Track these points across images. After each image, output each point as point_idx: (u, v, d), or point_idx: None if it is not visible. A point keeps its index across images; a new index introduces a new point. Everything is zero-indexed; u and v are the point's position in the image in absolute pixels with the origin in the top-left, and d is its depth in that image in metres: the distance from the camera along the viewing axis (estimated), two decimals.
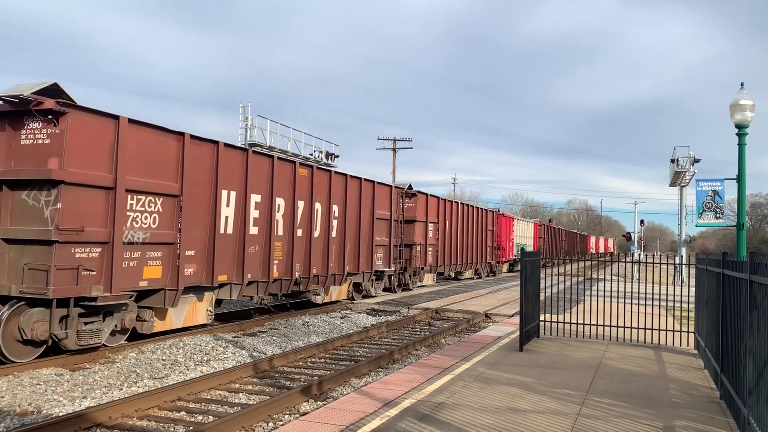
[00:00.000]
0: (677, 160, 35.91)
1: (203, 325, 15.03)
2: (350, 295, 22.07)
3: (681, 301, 14.48)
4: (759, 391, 5.38)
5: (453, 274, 35.66)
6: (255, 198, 15.93)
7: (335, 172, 19.99)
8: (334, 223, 19.83)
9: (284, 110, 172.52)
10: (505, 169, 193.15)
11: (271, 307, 18.78)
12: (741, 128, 17.36)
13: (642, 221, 55.80)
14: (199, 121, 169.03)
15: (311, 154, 20.86)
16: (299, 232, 17.85)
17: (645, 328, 12.84)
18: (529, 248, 45.73)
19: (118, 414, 8.20)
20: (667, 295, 15.52)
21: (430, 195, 30.15)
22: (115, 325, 12.22)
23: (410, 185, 28.05)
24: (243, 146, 16.23)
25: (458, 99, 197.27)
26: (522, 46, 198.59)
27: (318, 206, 18.82)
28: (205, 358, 12.25)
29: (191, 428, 7.78)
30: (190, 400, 9.28)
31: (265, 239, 16.28)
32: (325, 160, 21.28)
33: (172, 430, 7.97)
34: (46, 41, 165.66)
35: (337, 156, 22.28)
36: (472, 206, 37.16)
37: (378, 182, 23.14)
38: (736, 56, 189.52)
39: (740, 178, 18.03)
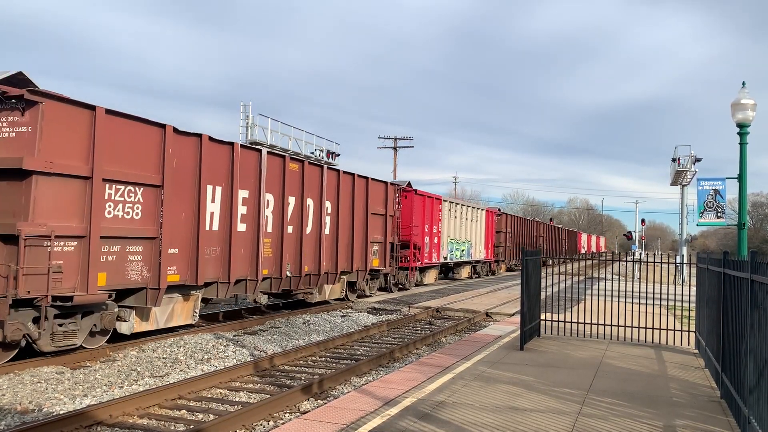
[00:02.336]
0: (678, 159, 35.90)
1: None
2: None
3: (682, 301, 14.46)
4: (760, 390, 5.38)
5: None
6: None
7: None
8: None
9: (286, 109, 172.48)
10: (507, 168, 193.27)
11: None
12: (742, 127, 17.36)
13: (643, 220, 55.79)
14: (201, 120, 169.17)
15: (312, 153, 20.85)
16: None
17: (646, 328, 12.83)
18: (479, 247, 38.71)
19: (118, 412, 8.21)
20: (668, 294, 15.51)
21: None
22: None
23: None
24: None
25: (459, 97, 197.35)
26: (523, 44, 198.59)
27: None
28: (206, 357, 12.25)
29: (192, 427, 7.78)
30: (191, 399, 9.29)
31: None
32: (326, 159, 21.26)
33: (172, 428, 7.98)
34: (48, 40, 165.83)
35: (338, 155, 22.28)
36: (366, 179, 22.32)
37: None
38: (737, 55, 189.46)
39: (741, 177, 18.02)
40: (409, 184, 27.69)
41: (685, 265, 30.07)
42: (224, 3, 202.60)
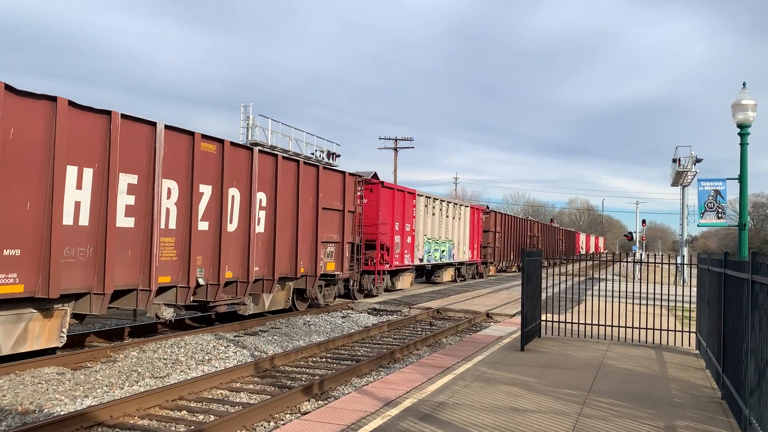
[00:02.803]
0: (679, 159, 35.92)
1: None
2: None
3: (683, 301, 14.46)
4: (760, 391, 5.38)
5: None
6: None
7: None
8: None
9: (287, 109, 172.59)
10: (507, 169, 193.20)
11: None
12: (743, 128, 17.35)
13: (644, 221, 55.81)
14: (202, 120, 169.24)
15: (313, 154, 20.84)
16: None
17: (646, 328, 12.83)
18: (463, 247, 34.81)
19: (119, 413, 8.21)
20: (668, 295, 15.50)
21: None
22: None
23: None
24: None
25: (460, 98, 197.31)
26: (524, 44, 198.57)
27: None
28: (207, 357, 12.25)
29: (192, 427, 7.78)
30: (192, 400, 9.29)
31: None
32: (326, 160, 21.25)
33: (173, 429, 7.98)
34: (49, 40, 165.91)
35: (339, 155, 22.26)
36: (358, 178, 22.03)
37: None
38: (738, 56, 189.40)
39: (742, 178, 18.02)
40: (375, 176, 23.95)
41: (685, 266, 30.06)
42: (224, 3, 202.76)
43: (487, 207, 43.40)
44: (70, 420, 7.61)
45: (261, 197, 16.02)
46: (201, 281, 13.76)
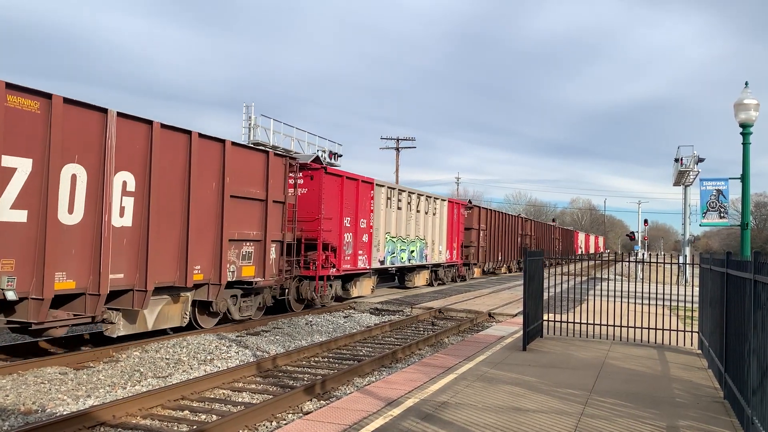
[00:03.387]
0: (681, 159, 35.89)
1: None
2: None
3: (685, 301, 14.43)
4: (763, 390, 5.37)
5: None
6: None
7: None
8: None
9: (289, 109, 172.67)
10: (509, 169, 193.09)
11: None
12: (745, 127, 17.33)
13: (646, 221, 55.84)
14: (204, 121, 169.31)
15: (314, 153, 20.86)
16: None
17: (649, 328, 12.82)
18: (439, 247, 29.99)
19: (121, 413, 8.22)
20: (671, 294, 15.49)
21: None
22: None
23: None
24: None
25: (462, 98, 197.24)
26: (526, 45, 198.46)
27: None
28: (209, 357, 12.27)
29: (195, 427, 7.79)
30: (194, 399, 9.30)
31: None
32: (328, 159, 21.24)
33: (175, 429, 7.99)
34: (51, 40, 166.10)
35: (341, 155, 22.31)
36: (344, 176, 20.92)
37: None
38: (740, 56, 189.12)
39: (744, 178, 17.99)
40: (316, 159, 20.16)
41: (688, 266, 30.04)
42: (226, 4, 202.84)
43: (470, 202, 38.95)
44: (72, 420, 7.62)
45: (125, 179, 11.94)
46: (10, 295, 9.89)
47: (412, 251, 26.89)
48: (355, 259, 21.43)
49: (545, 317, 13.21)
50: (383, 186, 24.13)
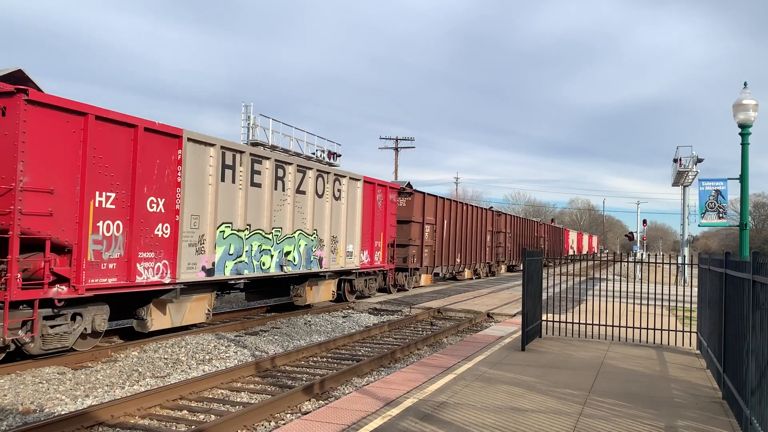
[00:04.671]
0: (680, 159, 35.91)
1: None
2: None
3: (683, 301, 14.45)
4: (761, 391, 5.37)
5: None
6: None
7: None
8: None
9: (289, 109, 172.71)
10: (508, 169, 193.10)
11: None
12: (744, 128, 17.34)
13: (645, 221, 55.83)
14: (205, 121, 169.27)
15: (314, 153, 20.84)
16: None
17: (647, 328, 12.82)
18: (349, 247, 21.07)
19: (120, 413, 8.21)
20: (669, 295, 15.50)
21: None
22: None
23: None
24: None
25: (462, 98, 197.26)
26: (525, 45, 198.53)
27: None
28: (207, 357, 12.26)
29: (193, 427, 7.78)
30: (192, 399, 9.29)
31: None
32: (327, 159, 21.24)
33: (174, 428, 7.98)
34: (51, 40, 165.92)
35: (340, 155, 22.25)
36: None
37: None
38: (740, 56, 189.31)
39: (743, 178, 18.01)
40: (14, 79, 11.26)
41: (686, 266, 30.06)
42: (227, 4, 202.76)
43: (409, 185, 27.86)
44: (71, 419, 7.61)
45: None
46: None
47: (289, 253, 17.75)
48: (131, 267, 12.20)
49: (544, 317, 13.22)
50: (212, 145, 14.46)
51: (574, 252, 79.43)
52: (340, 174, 20.36)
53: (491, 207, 45.12)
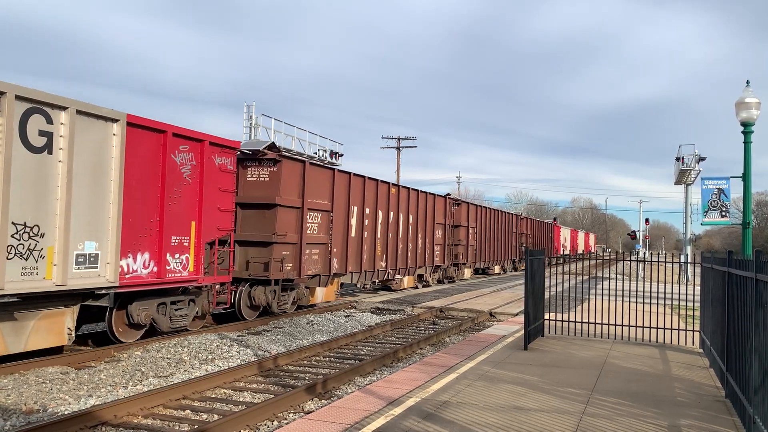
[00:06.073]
0: (682, 158, 35.84)
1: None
2: None
3: (686, 300, 14.42)
4: (765, 389, 5.36)
5: None
6: None
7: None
8: None
9: (291, 109, 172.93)
10: (510, 168, 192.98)
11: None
12: (746, 126, 17.33)
13: (647, 220, 55.77)
14: (206, 121, 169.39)
15: (316, 153, 20.85)
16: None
17: (650, 327, 12.80)
18: (78, 245, 11.00)
19: (123, 412, 8.22)
20: (672, 293, 15.48)
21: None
22: None
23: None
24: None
25: (463, 98, 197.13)
26: (527, 45, 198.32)
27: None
28: (210, 357, 12.27)
29: (196, 427, 7.79)
30: (195, 399, 9.30)
31: None
32: (329, 159, 21.24)
33: (177, 428, 7.99)
34: (53, 41, 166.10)
35: (342, 155, 22.27)
36: None
37: None
38: (743, 56, 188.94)
39: (746, 177, 17.99)
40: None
41: (689, 265, 30.02)
42: (229, 5, 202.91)
43: (273, 145, 17.60)
44: (74, 419, 7.62)
45: None
46: None
47: None
48: None
49: (546, 316, 13.21)
50: None
51: (567, 250, 70.46)
52: (45, 102, 10.52)
53: (448, 195, 31.68)
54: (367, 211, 21.94)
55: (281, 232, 16.86)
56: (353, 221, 20.93)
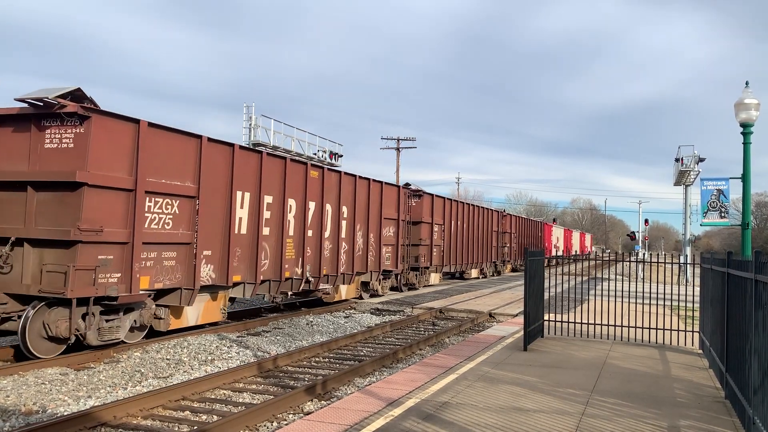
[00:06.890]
0: (682, 159, 35.88)
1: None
2: None
3: (686, 301, 14.42)
4: (764, 390, 5.36)
5: None
6: None
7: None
8: None
9: (290, 110, 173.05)
10: (510, 169, 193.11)
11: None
12: (746, 127, 17.34)
13: (646, 220, 55.87)
14: (206, 122, 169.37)
15: (315, 154, 20.85)
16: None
17: (650, 328, 12.80)
18: None
19: (122, 413, 8.22)
20: (671, 294, 15.48)
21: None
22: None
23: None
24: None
25: (463, 98, 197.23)
26: (527, 45, 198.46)
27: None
28: (210, 358, 12.26)
29: (196, 428, 7.79)
30: (195, 400, 9.30)
31: None
32: (328, 160, 21.22)
33: (176, 429, 7.99)
34: (53, 42, 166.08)
35: (341, 155, 22.27)
36: None
37: None
38: (742, 56, 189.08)
39: (745, 177, 17.99)
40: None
41: (688, 266, 30.01)
42: (229, 6, 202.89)
43: (82, 92, 11.25)
44: (73, 420, 7.62)
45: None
46: None
47: None
48: None
49: (546, 317, 13.21)
50: None
51: (560, 251, 65.61)
52: None
53: (410, 185, 28.25)
54: (269, 199, 16.34)
55: (92, 225, 11.27)
56: (242, 212, 15.36)
